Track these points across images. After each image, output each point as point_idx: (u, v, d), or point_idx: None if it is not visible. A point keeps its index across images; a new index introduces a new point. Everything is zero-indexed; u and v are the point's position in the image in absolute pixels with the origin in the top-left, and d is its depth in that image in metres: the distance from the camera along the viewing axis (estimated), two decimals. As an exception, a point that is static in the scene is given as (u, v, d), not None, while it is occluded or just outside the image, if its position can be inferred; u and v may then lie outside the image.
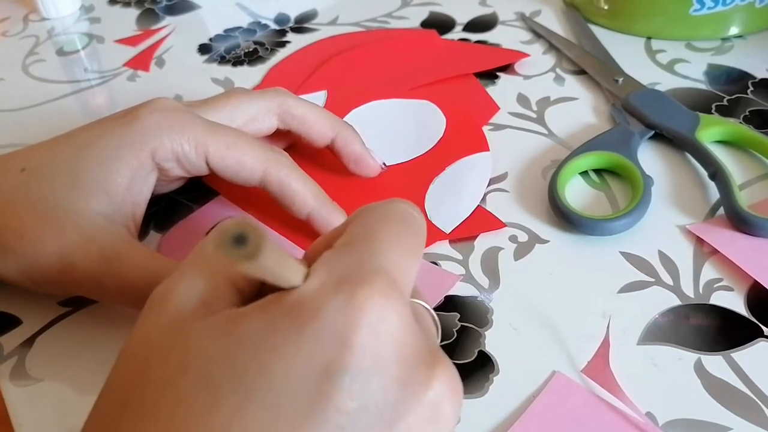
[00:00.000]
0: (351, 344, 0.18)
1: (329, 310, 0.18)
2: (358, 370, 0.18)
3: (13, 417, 0.27)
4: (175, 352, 0.18)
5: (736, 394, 0.25)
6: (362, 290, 0.18)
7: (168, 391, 0.18)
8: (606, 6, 0.47)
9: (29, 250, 0.27)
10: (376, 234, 0.20)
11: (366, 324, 0.18)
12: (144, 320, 0.20)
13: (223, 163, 0.30)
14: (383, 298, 0.18)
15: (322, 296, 0.18)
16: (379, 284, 0.18)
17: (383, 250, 0.20)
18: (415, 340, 0.19)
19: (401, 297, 0.19)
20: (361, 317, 0.18)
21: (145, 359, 0.19)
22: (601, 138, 0.36)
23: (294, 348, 0.17)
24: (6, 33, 0.54)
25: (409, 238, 0.21)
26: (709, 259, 0.30)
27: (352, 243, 0.20)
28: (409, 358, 0.19)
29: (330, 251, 0.20)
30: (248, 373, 0.17)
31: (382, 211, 0.22)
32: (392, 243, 0.20)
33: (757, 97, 0.39)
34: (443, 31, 0.48)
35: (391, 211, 0.22)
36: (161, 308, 0.20)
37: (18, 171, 0.29)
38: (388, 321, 0.18)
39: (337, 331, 0.18)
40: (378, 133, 0.38)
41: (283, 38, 0.49)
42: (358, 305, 0.18)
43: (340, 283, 0.18)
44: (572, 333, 0.28)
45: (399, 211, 0.22)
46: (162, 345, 0.19)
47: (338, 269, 0.19)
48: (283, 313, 0.18)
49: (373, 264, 0.19)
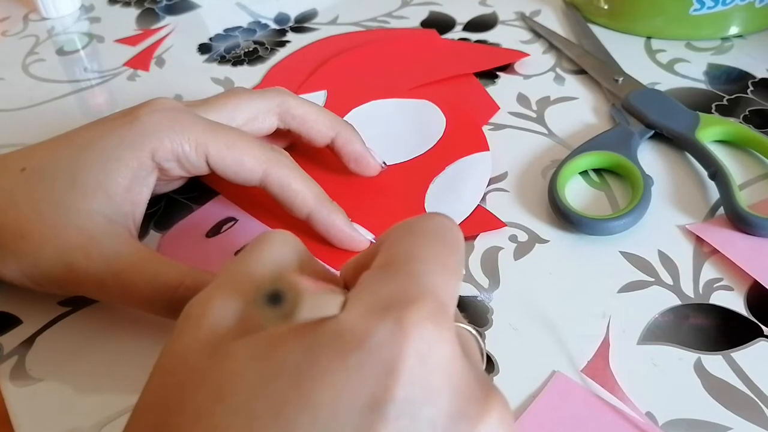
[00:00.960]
0: (398, 374, 0.16)
1: (375, 338, 0.17)
2: (407, 402, 0.16)
3: (13, 417, 0.27)
4: (212, 375, 0.18)
5: (736, 394, 0.25)
6: (409, 316, 0.17)
7: (204, 420, 0.17)
8: (606, 6, 0.47)
9: (29, 250, 0.27)
10: (417, 253, 0.19)
11: (414, 352, 0.17)
12: (181, 336, 0.19)
13: (223, 163, 0.30)
14: (432, 324, 0.17)
15: (367, 323, 0.17)
16: (426, 309, 0.17)
17: (427, 271, 0.19)
18: (465, 369, 0.18)
19: (450, 322, 0.18)
20: (409, 345, 0.17)
21: (181, 382, 0.18)
22: (601, 138, 0.36)
23: (338, 378, 0.16)
24: (6, 32, 0.54)
25: (451, 256, 0.20)
26: (709, 258, 0.30)
27: (393, 264, 0.19)
28: (460, 389, 0.17)
29: (369, 273, 0.19)
30: (289, 404, 0.16)
31: (419, 227, 0.20)
32: (435, 263, 0.19)
33: (757, 96, 0.39)
34: (443, 30, 0.48)
35: (429, 228, 0.20)
36: (198, 325, 0.19)
37: (18, 171, 0.29)
38: (437, 349, 0.17)
39: (384, 360, 0.17)
40: (378, 133, 0.38)
41: (283, 38, 0.49)
42: (405, 332, 0.17)
43: (386, 309, 0.17)
44: (572, 333, 0.28)
45: (437, 226, 0.21)
46: (199, 367, 0.18)
47: (381, 293, 0.18)
48: (324, 342, 0.17)
49: (418, 286, 0.18)
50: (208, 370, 0.18)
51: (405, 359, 0.17)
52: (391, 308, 0.17)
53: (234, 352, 0.18)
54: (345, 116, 0.40)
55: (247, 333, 0.18)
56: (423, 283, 0.18)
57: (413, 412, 0.16)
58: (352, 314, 0.17)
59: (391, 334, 0.17)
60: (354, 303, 0.18)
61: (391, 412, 0.16)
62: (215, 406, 0.17)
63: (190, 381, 0.18)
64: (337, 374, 0.16)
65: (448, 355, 0.17)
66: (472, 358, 0.20)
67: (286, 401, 0.16)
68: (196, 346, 0.18)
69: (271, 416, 0.16)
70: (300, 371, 0.17)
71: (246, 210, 0.35)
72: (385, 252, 0.20)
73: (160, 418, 0.18)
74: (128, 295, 0.27)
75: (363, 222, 0.32)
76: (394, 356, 0.17)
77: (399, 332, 0.17)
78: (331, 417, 0.16)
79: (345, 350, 0.17)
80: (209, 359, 0.18)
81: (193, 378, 0.18)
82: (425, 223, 0.21)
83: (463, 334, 0.20)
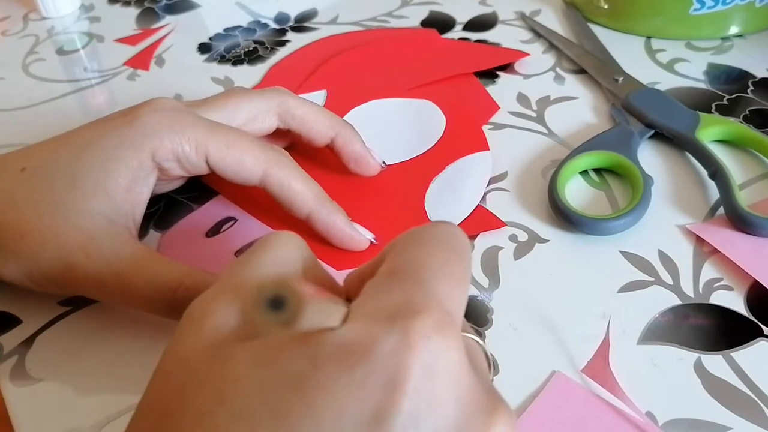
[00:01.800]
0: (404, 386, 0.16)
1: (380, 349, 0.16)
2: (412, 414, 0.16)
3: (13, 417, 0.27)
4: (213, 378, 0.17)
5: (736, 393, 0.25)
6: (415, 326, 0.17)
7: (204, 422, 0.17)
8: (606, 5, 0.47)
9: (29, 250, 0.27)
10: (423, 262, 0.19)
11: (420, 363, 0.16)
12: (183, 337, 0.19)
13: (223, 162, 0.30)
14: (438, 334, 0.17)
15: (372, 334, 0.17)
16: (432, 319, 0.17)
17: (433, 279, 0.18)
18: (472, 381, 0.18)
19: (456, 332, 0.18)
20: (414, 356, 0.16)
21: (182, 384, 0.18)
22: (601, 137, 0.36)
23: (343, 390, 0.16)
24: (6, 32, 0.54)
25: (458, 264, 0.20)
26: (709, 258, 0.30)
27: (398, 273, 0.19)
28: (466, 401, 0.17)
29: (373, 282, 0.19)
30: (292, 412, 0.16)
31: (425, 236, 0.20)
32: (441, 271, 0.19)
33: (757, 96, 0.39)
34: (443, 30, 0.48)
35: (435, 236, 0.20)
36: (200, 326, 0.19)
37: (18, 171, 0.29)
38: (443, 360, 0.17)
39: (389, 372, 0.16)
40: (378, 133, 0.38)
41: (283, 37, 0.49)
42: (410, 344, 0.17)
43: (391, 320, 0.17)
44: (572, 333, 0.28)
45: (444, 234, 0.20)
46: (200, 369, 0.18)
47: (386, 303, 0.18)
48: (329, 351, 0.17)
49: (424, 296, 0.18)
50: (209, 373, 0.17)
51: (410, 371, 0.16)
52: (396, 319, 0.17)
53: (236, 356, 0.17)
54: (345, 116, 0.40)
55: (249, 337, 0.18)
56: (429, 292, 0.18)
57: (419, 424, 0.16)
58: (357, 324, 0.17)
59: (396, 346, 0.17)
60: (358, 313, 0.18)
61: (396, 425, 0.16)
62: (216, 409, 0.17)
63: (191, 383, 0.18)
64: (342, 386, 0.16)
65: (455, 366, 0.17)
66: (478, 368, 0.19)
67: (289, 409, 0.16)
68: (198, 348, 0.18)
69: (272, 423, 0.16)
70: (304, 380, 0.16)
71: (246, 210, 0.35)
72: (390, 261, 0.20)
73: (160, 418, 0.18)
74: (128, 295, 0.27)
75: (363, 222, 0.32)
76: (399, 368, 0.16)
77: (404, 344, 0.17)
78: (336, 428, 0.16)
79: (350, 361, 0.16)
80: (211, 362, 0.18)
81: (194, 380, 0.18)
82: (431, 231, 0.20)
83: (471, 344, 0.20)
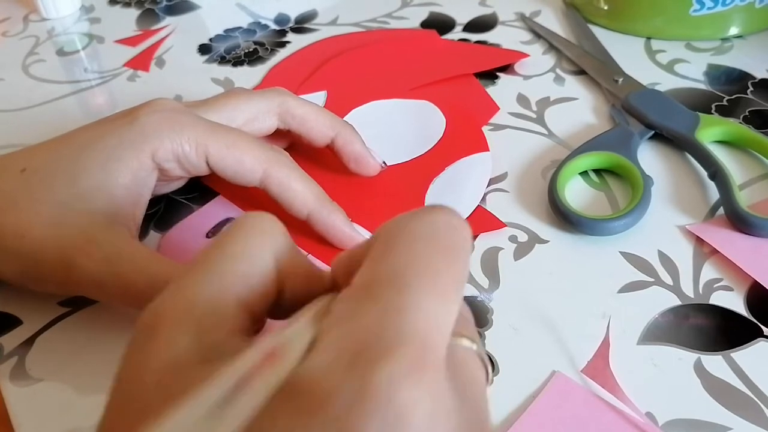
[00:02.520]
0: None
1: (336, 401, 0.14)
2: None
3: (13, 417, 0.27)
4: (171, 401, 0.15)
5: (736, 394, 0.25)
6: (379, 374, 0.14)
7: None
8: (606, 6, 0.47)
9: (30, 251, 0.27)
10: (406, 269, 0.16)
11: (381, 419, 0.14)
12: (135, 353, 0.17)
13: (223, 163, 0.30)
14: (409, 379, 0.14)
15: (331, 378, 0.14)
16: (406, 359, 0.15)
17: (416, 296, 0.16)
18: (449, 424, 0.15)
19: (435, 371, 0.15)
20: (376, 411, 0.14)
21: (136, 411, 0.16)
22: (600, 138, 0.36)
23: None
24: (6, 33, 0.54)
25: (450, 266, 0.17)
26: (708, 259, 0.30)
27: (375, 286, 0.16)
28: None
29: (346, 297, 0.17)
30: None
31: (416, 230, 0.17)
32: (428, 282, 0.16)
33: (756, 97, 0.39)
34: (443, 31, 0.48)
35: (428, 232, 0.17)
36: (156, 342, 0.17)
37: (18, 171, 0.29)
38: (414, 411, 0.14)
39: (349, 426, 0.14)
40: (378, 133, 0.38)
41: (283, 38, 0.49)
42: (372, 395, 0.14)
43: (353, 362, 0.15)
44: (572, 333, 0.28)
45: (438, 227, 0.17)
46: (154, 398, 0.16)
47: (354, 334, 0.15)
48: (286, 395, 0.15)
49: (399, 326, 0.15)
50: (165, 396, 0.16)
51: (370, 426, 0.14)
52: (359, 360, 0.15)
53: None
54: (345, 116, 0.40)
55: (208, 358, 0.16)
56: (406, 320, 0.15)
57: None
58: (317, 362, 0.15)
59: (356, 396, 0.14)
60: (321, 347, 0.15)
61: None
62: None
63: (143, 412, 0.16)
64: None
65: (427, 415, 0.15)
66: (472, 397, 0.17)
67: None
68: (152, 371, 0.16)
69: None
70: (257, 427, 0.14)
71: (246, 210, 0.35)
72: (371, 264, 0.17)
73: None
74: (128, 295, 0.27)
75: (363, 222, 0.32)
76: (359, 423, 0.14)
77: (365, 395, 0.14)
78: None
79: (307, 412, 0.14)
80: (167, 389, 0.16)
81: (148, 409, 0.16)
82: (425, 223, 0.18)
83: (461, 357, 0.18)
